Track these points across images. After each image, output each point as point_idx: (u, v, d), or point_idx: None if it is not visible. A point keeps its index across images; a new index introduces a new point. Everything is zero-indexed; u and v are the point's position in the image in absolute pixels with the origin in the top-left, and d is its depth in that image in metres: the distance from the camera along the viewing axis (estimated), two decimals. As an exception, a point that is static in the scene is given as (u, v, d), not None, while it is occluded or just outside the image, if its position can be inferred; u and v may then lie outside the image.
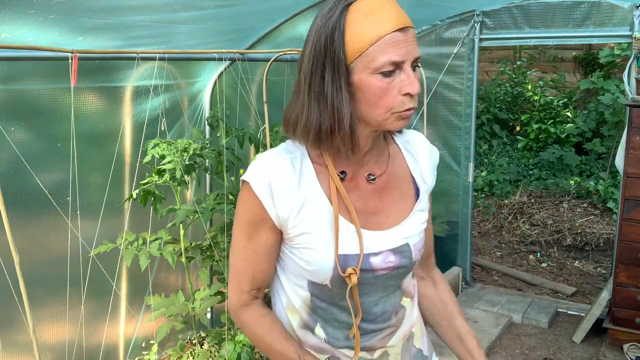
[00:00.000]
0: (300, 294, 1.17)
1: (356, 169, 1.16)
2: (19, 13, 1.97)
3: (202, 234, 3.14)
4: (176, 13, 2.45)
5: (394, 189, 1.19)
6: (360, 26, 1.02)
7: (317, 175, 1.13)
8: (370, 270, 1.12)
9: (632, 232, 3.25)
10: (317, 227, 1.11)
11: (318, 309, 1.17)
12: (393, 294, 1.19)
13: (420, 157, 1.25)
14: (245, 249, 1.15)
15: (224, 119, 2.97)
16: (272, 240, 1.14)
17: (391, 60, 1.02)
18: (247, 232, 1.14)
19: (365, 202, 1.15)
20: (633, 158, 3.19)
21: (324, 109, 1.06)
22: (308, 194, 1.11)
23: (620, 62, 6.54)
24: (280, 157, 1.13)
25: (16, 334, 2.47)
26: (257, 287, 1.19)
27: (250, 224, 1.13)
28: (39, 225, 2.52)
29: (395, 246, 1.15)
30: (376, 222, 1.15)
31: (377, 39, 1.01)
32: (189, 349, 3.12)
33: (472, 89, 4.09)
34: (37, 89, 2.44)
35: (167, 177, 2.61)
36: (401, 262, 1.15)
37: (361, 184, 1.16)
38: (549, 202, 6.07)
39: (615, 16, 3.55)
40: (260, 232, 1.13)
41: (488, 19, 3.95)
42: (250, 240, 1.14)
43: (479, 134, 7.25)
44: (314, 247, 1.11)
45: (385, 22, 1.02)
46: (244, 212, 1.14)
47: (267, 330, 1.17)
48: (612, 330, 3.39)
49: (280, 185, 1.10)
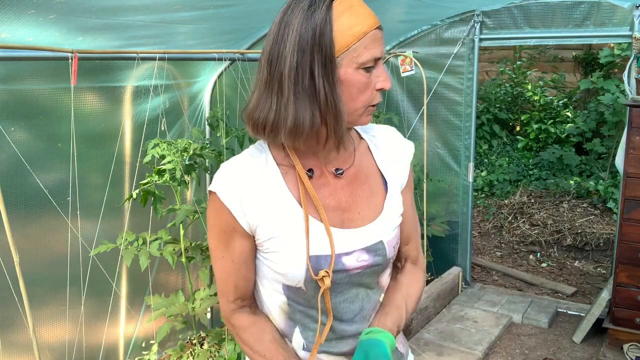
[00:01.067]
0: (277, 300, 1.16)
1: (322, 164, 1.15)
2: (19, 13, 1.97)
3: (202, 234, 3.14)
4: (176, 13, 2.45)
5: (364, 183, 1.18)
6: (345, 21, 1.02)
7: (284, 177, 1.12)
8: (343, 271, 1.11)
9: (632, 232, 3.25)
10: (287, 230, 1.09)
11: (296, 312, 1.15)
12: (372, 291, 1.18)
13: (389, 151, 1.23)
14: (224, 257, 1.14)
15: (224, 119, 2.97)
16: (247, 248, 1.13)
17: (374, 56, 1.04)
18: (222, 241, 1.13)
19: (335, 197, 1.14)
20: (633, 158, 3.19)
21: (314, 106, 1.03)
22: (276, 198, 1.10)
23: (620, 62, 6.54)
24: (246, 164, 1.12)
25: (16, 334, 2.47)
26: (241, 295, 1.17)
27: (224, 233, 1.12)
28: (39, 225, 2.52)
29: (368, 244, 1.13)
30: (348, 218, 1.14)
31: (363, 35, 1.03)
32: (189, 349, 3.12)
33: (472, 89, 4.08)
34: (37, 89, 2.44)
35: (167, 177, 2.61)
36: (375, 261, 1.14)
37: (330, 179, 1.15)
38: (549, 202, 6.07)
39: (615, 16, 3.55)
40: (234, 241, 1.12)
41: (488, 19, 3.95)
42: (226, 250, 1.13)
43: (479, 134, 7.25)
44: (283, 250, 1.10)
45: (367, 18, 1.04)
46: (216, 223, 1.12)
47: (256, 339, 1.16)
48: (612, 330, 3.39)
49: (247, 193, 1.09)
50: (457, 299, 4.16)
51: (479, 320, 3.80)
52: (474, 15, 3.95)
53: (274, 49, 1.04)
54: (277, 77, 1.04)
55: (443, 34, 4.08)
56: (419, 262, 1.33)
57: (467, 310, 3.96)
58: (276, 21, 1.05)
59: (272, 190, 1.10)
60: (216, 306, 3.09)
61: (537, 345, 3.59)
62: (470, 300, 4.15)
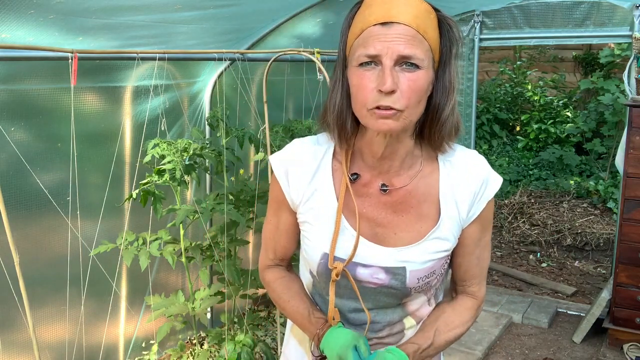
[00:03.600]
0: (305, 277, 1.24)
1: (373, 175, 1.13)
2: (19, 13, 1.97)
3: (202, 234, 3.14)
4: (176, 13, 2.45)
5: (412, 207, 1.12)
6: (356, 19, 1.04)
7: (333, 171, 1.15)
8: (356, 280, 1.12)
9: (632, 232, 3.25)
10: (319, 219, 1.13)
11: (316, 295, 1.23)
12: (391, 310, 1.16)
13: (463, 182, 1.12)
14: (271, 222, 1.25)
15: (224, 119, 2.97)
16: (290, 221, 1.22)
17: (366, 52, 0.99)
18: (273, 207, 1.23)
19: (373, 210, 1.12)
20: (633, 158, 3.18)
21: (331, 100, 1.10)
22: (319, 187, 1.14)
23: (620, 62, 6.54)
24: (306, 147, 1.18)
25: (16, 333, 2.46)
26: (280, 258, 1.28)
27: (274, 201, 1.22)
28: (39, 225, 2.52)
29: (388, 265, 1.10)
30: (382, 235, 1.12)
31: (361, 32, 1.01)
32: (189, 349, 3.12)
33: (472, 89, 4.08)
34: (37, 89, 2.44)
35: (167, 177, 2.61)
36: (391, 283, 1.11)
37: (373, 192, 1.13)
38: (549, 202, 6.07)
39: (615, 16, 3.55)
40: (281, 210, 1.21)
41: (488, 19, 3.95)
42: (274, 216, 1.24)
43: (479, 134, 7.25)
44: (310, 237, 1.15)
45: (371, 15, 1.00)
46: (272, 189, 1.22)
47: (284, 288, 1.25)
48: (612, 330, 3.39)
49: (295, 173, 1.15)
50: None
51: (479, 320, 3.80)
52: (474, 15, 3.95)
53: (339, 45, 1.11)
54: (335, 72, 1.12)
55: (443, 34, 4.08)
56: (477, 296, 1.23)
57: (467, 310, 3.96)
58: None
59: (318, 179, 1.15)
60: (216, 306, 3.09)
61: (537, 345, 3.59)
62: (470, 300, 4.14)
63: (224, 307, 3.01)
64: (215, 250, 2.86)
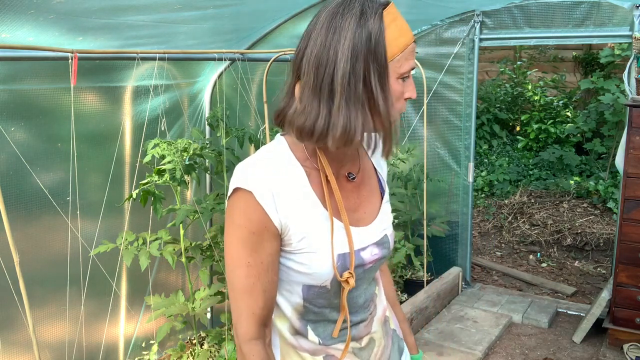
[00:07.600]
0: (292, 301, 1.16)
1: (337, 167, 1.18)
2: (19, 13, 1.97)
3: (202, 234, 3.14)
4: (176, 13, 2.45)
5: (367, 184, 1.24)
6: (392, 32, 1.04)
7: (308, 177, 1.12)
8: (361, 265, 1.17)
9: (632, 232, 3.25)
10: (315, 229, 1.11)
11: (310, 313, 1.17)
12: (370, 284, 1.26)
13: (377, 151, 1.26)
14: (250, 264, 1.08)
15: (224, 119, 2.97)
16: (275, 249, 1.10)
17: (412, 67, 1.09)
18: (250, 245, 1.07)
19: (347, 199, 1.18)
20: (633, 158, 3.19)
21: (365, 112, 1.03)
22: (302, 197, 1.10)
23: (620, 62, 6.54)
24: (272, 161, 1.10)
25: (16, 333, 2.47)
26: (269, 304, 1.12)
27: (253, 234, 1.06)
28: (39, 225, 2.52)
29: (377, 239, 1.21)
30: (357, 218, 1.20)
31: (405, 47, 1.06)
32: (189, 349, 3.12)
33: (472, 89, 4.09)
34: (37, 89, 2.44)
35: (167, 177, 2.61)
36: (383, 253, 1.22)
37: (343, 183, 1.19)
38: (549, 202, 6.07)
39: (615, 16, 3.55)
40: (264, 242, 1.07)
41: (488, 19, 3.95)
42: (254, 253, 1.08)
43: (479, 134, 7.25)
44: (314, 249, 1.10)
45: (408, 31, 1.08)
46: (243, 223, 1.06)
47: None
48: (612, 330, 3.39)
49: (280, 190, 1.07)
50: (457, 299, 4.16)
51: (479, 320, 3.80)
52: (474, 15, 3.95)
53: (323, 53, 1.02)
54: (326, 83, 1.02)
55: (443, 33, 4.08)
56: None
57: (467, 310, 3.96)
58: (322, 25, 1.03)
59: (298, 189, 1.10)
60: (216, 306, 3.10)
61: (537, 345, 3.59)
62: (470, 300, 4.15)
63: (224, 307, 3.01)
64: (215, 250, 2.86)
